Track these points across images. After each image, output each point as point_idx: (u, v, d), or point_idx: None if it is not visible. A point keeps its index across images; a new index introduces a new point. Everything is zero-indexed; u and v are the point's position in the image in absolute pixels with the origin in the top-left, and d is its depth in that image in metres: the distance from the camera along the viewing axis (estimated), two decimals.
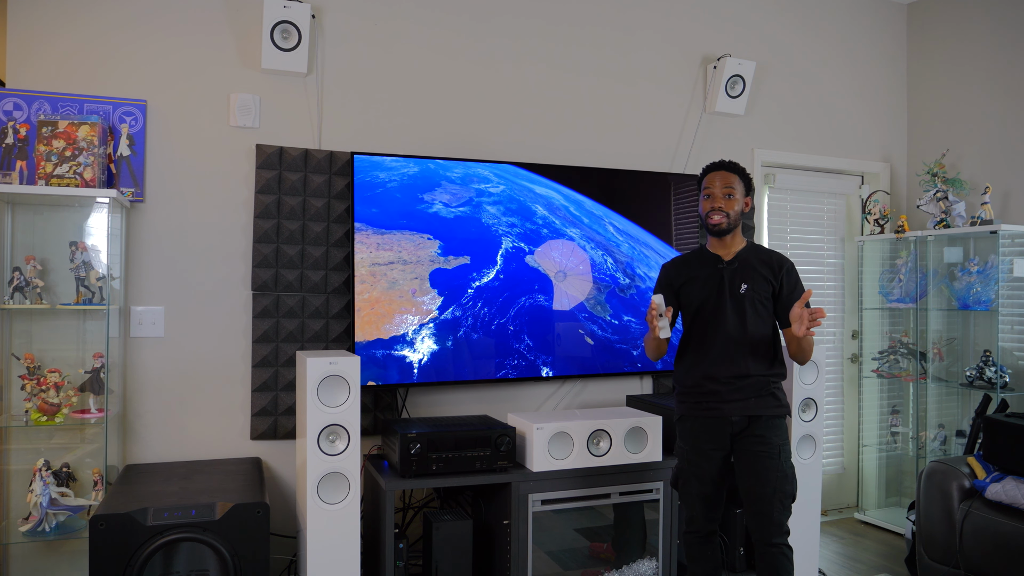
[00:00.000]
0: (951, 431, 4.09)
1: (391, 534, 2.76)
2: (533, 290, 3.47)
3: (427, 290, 3.28)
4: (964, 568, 2.98)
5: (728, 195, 2.58)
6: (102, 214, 2.87)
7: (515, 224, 3.45)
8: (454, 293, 3.32)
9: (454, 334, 3.32)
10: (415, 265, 3.26)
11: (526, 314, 3.46)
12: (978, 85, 4.24)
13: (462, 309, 3.33)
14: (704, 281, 2.61)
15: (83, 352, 2.91)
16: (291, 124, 3.26)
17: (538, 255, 3.49)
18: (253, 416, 3.16)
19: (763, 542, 2.49)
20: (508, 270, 3.42)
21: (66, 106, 2.93)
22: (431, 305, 3.28)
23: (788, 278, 2.58)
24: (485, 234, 3.40)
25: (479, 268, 3.37)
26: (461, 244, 3.36)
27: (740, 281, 2.57)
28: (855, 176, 4.58)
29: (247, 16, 3.20)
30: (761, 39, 4.21)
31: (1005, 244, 3.76)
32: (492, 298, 3.39)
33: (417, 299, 3.26)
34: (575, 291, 3.55)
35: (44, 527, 2.66)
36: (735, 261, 2.60)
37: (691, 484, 2.60)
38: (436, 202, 3.31)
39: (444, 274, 3.31)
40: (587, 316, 3.57)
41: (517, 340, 3.43)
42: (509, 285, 3.42)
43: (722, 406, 2.53)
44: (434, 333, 3.28)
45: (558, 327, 3.52)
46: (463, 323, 3.33)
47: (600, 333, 3.59)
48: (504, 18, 3.63)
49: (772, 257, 2.63)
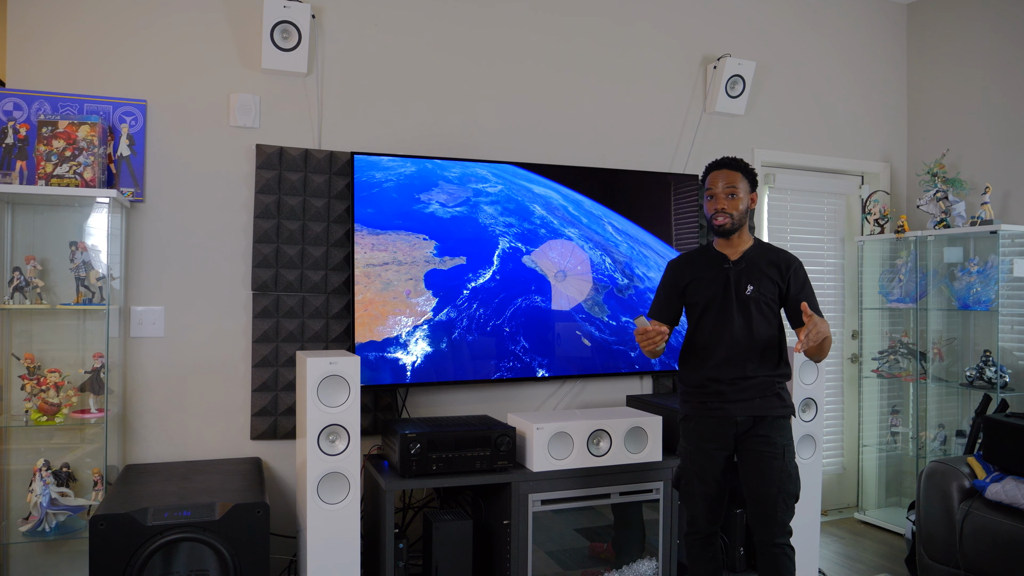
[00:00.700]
0: (951, 431, 4.09)
1: (391, 534, 2.76)
2: (530, 291, 3.44)
3: (422, 291, 3.25)
4: (964, 568, 2.98)
5: (731, 194, 2.56)
6: (102, 214, 2.86)
7: (512, 224, 3.41)
8: (449, 294, 3.29)
9: (448, 336, 3.28)
10: (410, 266, 3.23)
11: (522, 315, 3.42)
12: (978, 85, 4.24)
13: (457, 310, 3.29)
14: (710, 281, 2.59)
15: (83, 352, 2.91)
16: (291, 124, 3.26)
17: (535, 255, 3.46)
18: (253, 416, 3.16)
19: (766, 542, 2.49)
20: (505, 271, 3.39)
21: (66, 106, 2.92)
22: (425, 306, 3.24)
23: (795, 278, 2.56)
24: (482, 234, 3.36)
25: (475, 269, 3.34)
26: (457, 244, 3.32)
27: (746, 282, 2.55)
28: (855, 176, 4.58)
29: (247, 16, 3.20)
30: (761, 39, 4.21)
31: (1005, 244, 3.76)
32: (488, 299, 3.35)
33: (411, 300, 3.23)
34: (573, 292, 3.53)
35: (44, 527, 2.66)
36: (742, 261, 2.58)
37: (694, 484, 2.59)
38: (433, 202, 3.28)
39: (439, 275, 3.28)
40: (584, 317, 3.54)
41: (513, 342, 3.40)
42: (505, 286, 3.38)
43: (727, 406, 2.52)
44: (428, 335, 3.24)
45: (555, 328, 3.49)
46: (458, 324, 3.29)
47: (597, 334, 3.56)
48: (504, 18, 3.63)
49: (780, 257, 2.60)
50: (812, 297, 2.57)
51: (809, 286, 2.59)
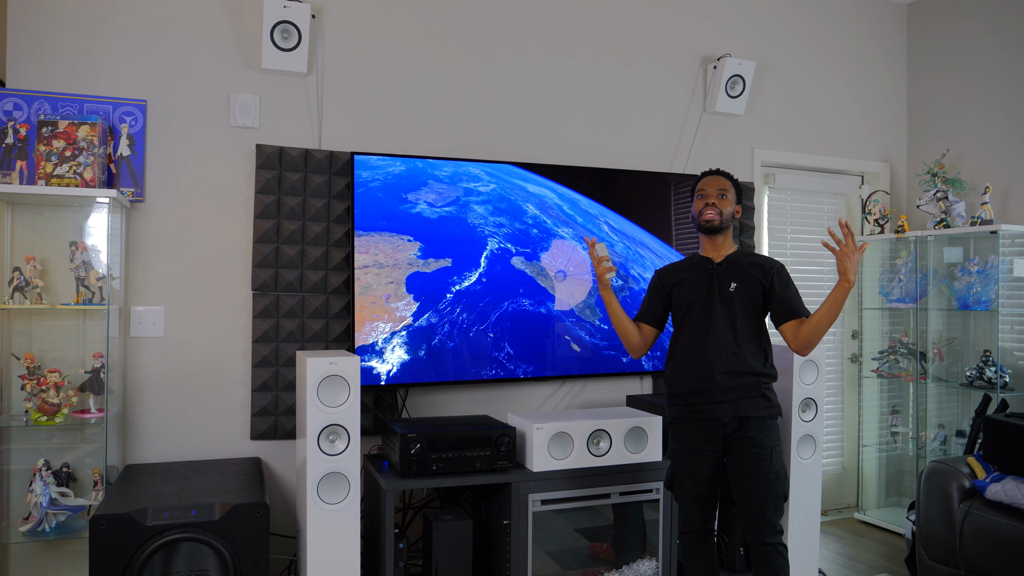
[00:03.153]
0: (951, 431, 4.09)
1: (391, 534, 2.76)
2: (518, 293, 3.34)
3: (403, 295, 3.13)
4: (964, 568, 2.98)
5: (722, 195, 2.62)
6: (102, 214, 2.86)
7: (503, 224, 3.32)
8: (431, 298, 3.18)
9: (428, 343, 3.16)
10: (391, 269, 3.12)
11: (508, 320, 3.32)
12: (978, 85, 4.25)
13: (439, 315, 3.18)
14: (694, 281, 2.63)
15: (83, 352, 2.91)
16: (291, 124, 3.26)
17: (526, 256, 3.38)
18: (253, 416, 3.16)
19: (757, 542, 2.50)
20: (492, 272, 3.29)
21: (66, 106, 2.92)
22: (405, 311, 3.13)
23: (779, 278, 2.58)
24: (470, 235, 3.27)
25: (460, 271, 3.24)
26: (443, 246, 3.22)
27: (730, 280, 2.58)
28: (855, 176, 4.58)
29: (247, 16, 3.20)
30: (761, 39, 4.21)
31: (1005, 244, 3.76)
32: (472, 303, 3.24)
33: (391, 305, 3.11)
34: (563, 294, 3.43)
35: (44, 527, 2.66)
36: (724, 263, 2.62)
37: (686, 485, 2.61)
38: (420, 202, 3.19)
39: (422, 278, 3.18)
40: (575, 320, 3.45)
41: (497, 348, 3.29)
42: (492, 288, 3.28)
43: (713, 407, 2.54)
44: (406, 342, 3.12)
45: (542, 333, 3.40)
46: (439, 330, 3.18)
47: (588, 339, 3.46)
48: (504, 18, 3.63)
49: (763, 260, 2.65)
50: (797, 296, 2.57)
51: (793, 286, 2.60)
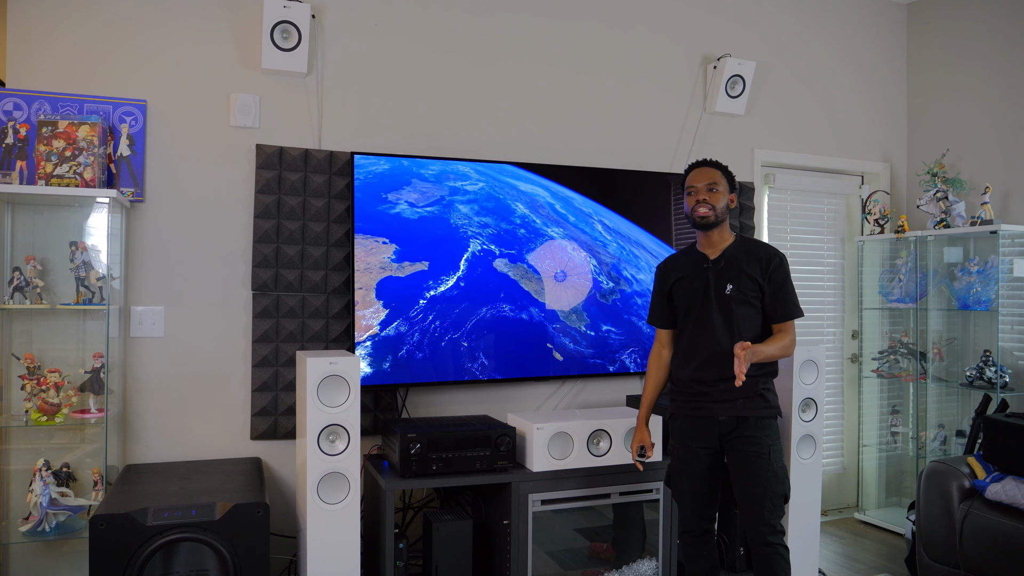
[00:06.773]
0: (951, 431, 4.09)
1: (391, 534, 2.76)
2: (498, 299, 3.14)
3: (371, 302, 2.95)
4: (964, 568, 2.98)
5: (712, 188, 2.58)
6: (102, 214, 2.87)
7: (488, 224, 3.14)
8: (402, 305, 2.99)
9: (394, 354, 2.98)
10: (362, 273, 2.99)
11: (485, 328, 3.13)
12: (978, 85, 4.24)
13: (409, 323, 2.98)
14: (691, 281, 2.61)
15: (83, 352, 2.91)
16: (291, 124, 3.26)
17: (510, 258, 3.20)
18: (253, 416, 3.16)
19: (757, 542, 2.50)
20: (472, 276, 3.11)
21: (66, 106, 2.92)
22: (372, 320, 2.95)
23: (775, 276, 2.54)
24: (451, 236, 3.09)
25: (437, 275, 3.06)
26: (421, 248, 3.05)
27: (725, 282, 2.56)
28: (855, 176, 4.58)
29: (247, 16, 3.20)
30: (761, 39, 4.21)
31: (1005, 244, 3.76)
32: (447, 310, 3.03)
33: (357, 313, 2.99)
34: (549, 298, 3.23)
35: (44, 527, 2.66)
36: (720, 260, 2.59)
37: (682, 482, 2.62)
38: (401, 202, 3.02)
39: (394, 283, 3.00)
40: (559, 327, 3.25)
41: (471, 359, 3.10)
42: (470, 294, 3.08)
43: (710, 406, 2.54)
44: (370, 353, 2.94)
45: (522, 342, 3.22)
46: (407, 340, 2.98)
47: (572, 347, 3.26)
48: (504, 17, 3.63)
49: (762, 252, 2.59)
50: (790, 297, 2.55)
51: (788, 285, 2.56)
